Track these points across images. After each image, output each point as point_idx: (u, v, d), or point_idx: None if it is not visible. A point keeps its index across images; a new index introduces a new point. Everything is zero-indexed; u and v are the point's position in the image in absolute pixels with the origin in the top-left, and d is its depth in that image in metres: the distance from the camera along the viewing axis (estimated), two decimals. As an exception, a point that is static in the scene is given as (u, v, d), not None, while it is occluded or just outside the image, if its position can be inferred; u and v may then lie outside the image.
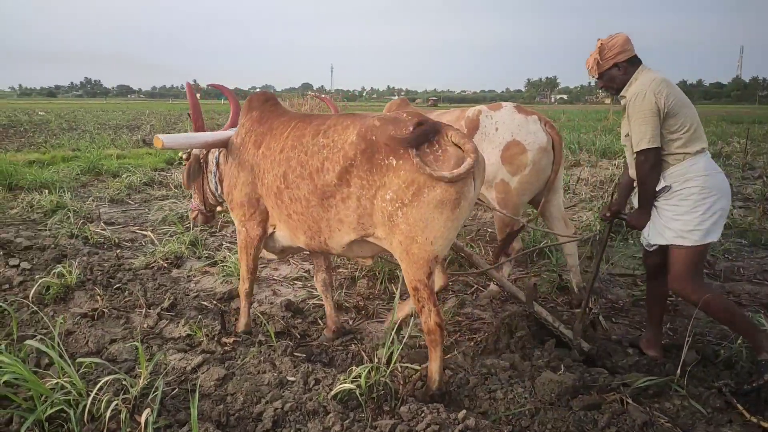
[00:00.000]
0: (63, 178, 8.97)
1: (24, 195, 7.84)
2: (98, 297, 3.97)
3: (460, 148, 2.55)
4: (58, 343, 2.72)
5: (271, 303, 4.02)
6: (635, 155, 2.91)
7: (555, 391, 2.74)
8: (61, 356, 2.63)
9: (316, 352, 3.35)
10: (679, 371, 2.87)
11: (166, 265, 4.90)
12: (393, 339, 2.94)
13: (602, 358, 3.23)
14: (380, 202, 2.64)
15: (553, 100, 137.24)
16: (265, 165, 3.11)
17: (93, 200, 7.44)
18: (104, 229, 5.95)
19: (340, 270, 4.81)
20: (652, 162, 2.86)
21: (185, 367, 3.08)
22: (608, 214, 3.23)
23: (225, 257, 4.86)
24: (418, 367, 2.93)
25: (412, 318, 3.34)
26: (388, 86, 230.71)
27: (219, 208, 3.90)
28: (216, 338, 3.40)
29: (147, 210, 7.36)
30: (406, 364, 2.89)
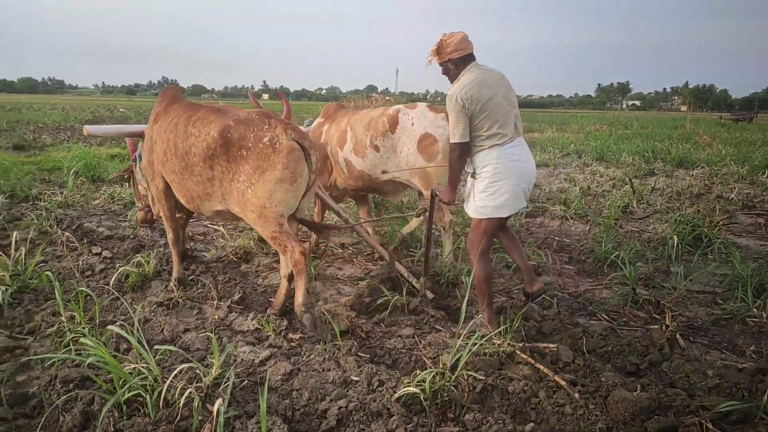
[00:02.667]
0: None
1: (106, 187, 8.30)
2: (173, 287, 4.13)
3: (298, 142, 3.41)
4: (138, 330, 2.85)
5: (336, 302, 4.05)
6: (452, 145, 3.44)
7: (629, 410, 2.62)
8: (139, 342, 2.75)
9: (379, 353, 3.35)
10: (766, 397, 2.68)
11: (235, 259, 5.05)
12: (459, 346, 2.90)
13: (680, 379, 3.07)
14: (236, 184, 3.48)
15: (624, 106, 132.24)
16: (157, 138, 3.97)
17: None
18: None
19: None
20: (459, 153, 3.41)
21: (253, 360, 3.16)
22: (434, 192, 3.87)
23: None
24: (483, 377, 2.87)
25: (478, 327, 3.29)
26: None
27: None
28: (283, 334, 3.46)
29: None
30: (471, 372, 2.84)
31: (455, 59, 3.43)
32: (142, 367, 2.73)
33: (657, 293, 4.33)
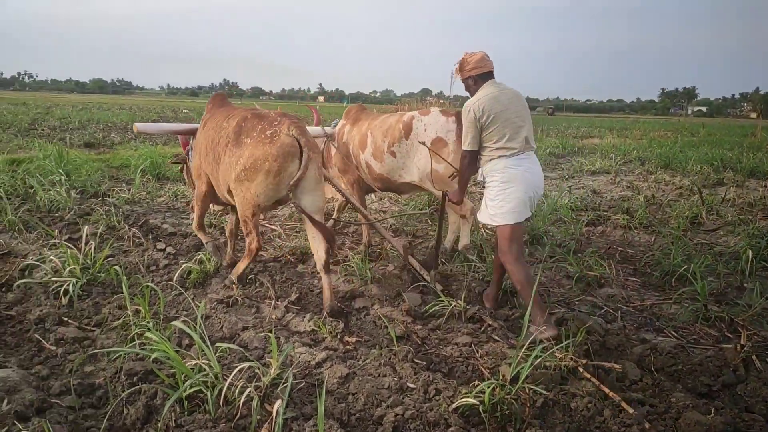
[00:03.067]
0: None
1: (170, 185, 8.59)
2: (233, 285, 4.20)
3: (297, 139, 3.68)
4: (201, 326, 2.90)
5: (394, 307, 4.02)
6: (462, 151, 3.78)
7: (703, 435, 2.47)
8: (202, 339, 2.80)
9: (435, 360, 3.29)
10: None
11: (292, 260, 5.10)
12: (520, 357, 2.81)
13: (757, 403, 2.88)
14: (235, 165, 3.80)
15: (689, 111, 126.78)
16: (203, 139, 4.37)
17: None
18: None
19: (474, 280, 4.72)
20: (468, 160, 3.75)
21: (310, 362, 3.17)
22: (445, 194, 4.16)
23: (347, 256, 4.96)
24: (544, 392, 2.77)
25: (538, 339, 3.19)
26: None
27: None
28: (339, 336, 3.46)
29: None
30: (533, 386, 2.75)
31: (474, 76, 3.74)
32: (204, 363, 2.78)
33: (730, 310, 4.09)
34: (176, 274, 4.36)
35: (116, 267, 4.17)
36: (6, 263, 4.67)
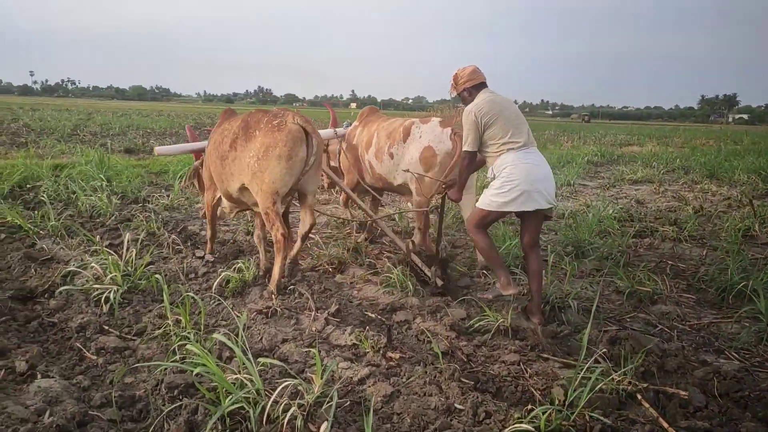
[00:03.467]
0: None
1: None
2: (272, 296, 4.13)
3: (302, 127, 4.06)
4: (242, 339, 2.82)
5: (436, 321, 3.89)
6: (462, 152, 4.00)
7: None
8: (243, 352, 2.72)
9: (482, 379, 3.14)
10: None
11: (330, 269, 5.01)
12: (578, 380, 2.65)
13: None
14: (248, 159, 4.09)
15: (730, 119, 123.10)
16: (211, 146, 4.70)
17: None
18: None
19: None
20: (468, 160, 3.97)
21: (352, 378, 3.06)
22: (444, 188, 4.46)
23: (387, 266, 4.85)
24: (604, 418, 2.60)
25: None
26: (542, 100, 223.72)
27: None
28: (381, 351, 3.35)
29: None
30: (593, 413, 2.58)
31: (469, 87, 4.03)
32: (245, 378, 2.70)
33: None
34: (215, 283, 4.32)
35: (157, 276, 4.14)
36: (48, 269, 4.70)
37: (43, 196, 6.58)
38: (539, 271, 3.89)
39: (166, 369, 3.06)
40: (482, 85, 4.03)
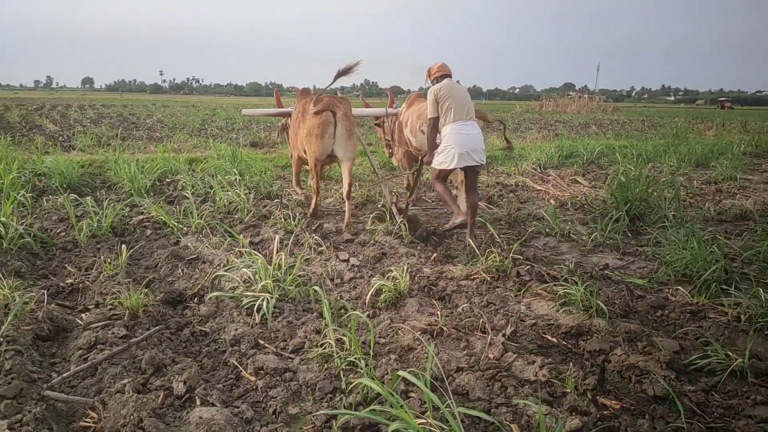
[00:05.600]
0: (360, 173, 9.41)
1: (335, 185, 8.38)
2: (437, 312, 3.62)
3: (332, 112, 5.68)
4: (428, 381, 2.32)
5: (641, 353, 3.16)
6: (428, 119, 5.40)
7: None
8: (431, 387, 2.20)
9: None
10: None
11: (488, 278, 4.41)
12: None
13: None
14: (304, 135, 5.84)
15: None
16: (293, 118, 6.43)
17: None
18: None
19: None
20: (432, 125, 5.33)
21: (553, 426, 2.45)
22: (422, 156, 5.70)
23: (562, 276, 4.16)
24: None
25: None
26: (663, 85, 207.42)
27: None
28: (590, 395, 2.70)
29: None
30: None
31: (437, 77, 5.44)
32: (436, 426, 2.18)
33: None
34: (368, 294, 3.88)
35: (316, 288, 3.77)
36: (195, 269, 4.53)
37: (186, 193, 6.56)
38: (475, 204, 5.42)
39: (335, 397, 2.64)
40: (446, 76, 5.43)
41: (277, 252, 4.19)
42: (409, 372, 2.46)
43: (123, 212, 6.05)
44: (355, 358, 2.85)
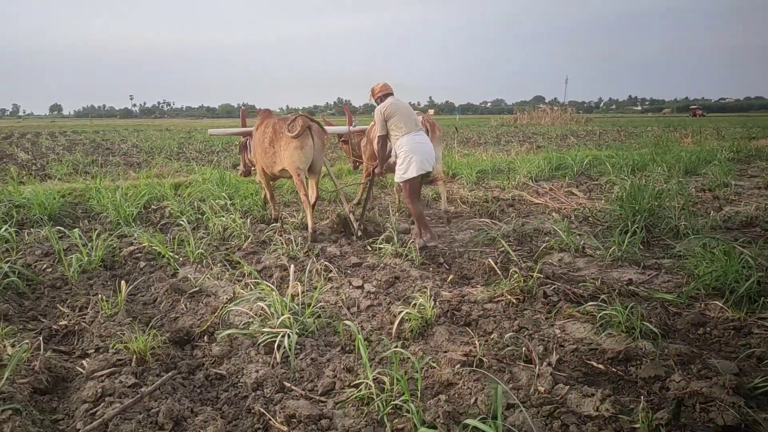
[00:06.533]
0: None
1: (331, 206, 8.08)
2: (473, 341, 3.36)
3: (308, 127, 6.06)
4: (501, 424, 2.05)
5: (702, 379, 2.94)
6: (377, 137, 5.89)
7: None
8: None
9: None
10: None
11: (514, 300, 4.17)
12: None
13: None
14: (281, 150, 6.18)
15: None
16: (256, 139, 6.73)
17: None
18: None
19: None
20: (380, 143, 5.88)
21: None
22: (374, 168, 6.21)
23: (597, 294, 3.94)
24: None
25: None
26: (630, 96, 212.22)
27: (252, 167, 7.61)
28: (663, 431, 2.46)
29: (472, 231, 6.92)
30: None
31: (381, 96, 5.86)
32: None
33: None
34: (395, 325, 3.60)
35: (347, 322, 3.49)
36: (199, 303, 4.20)
37: (181, 220, 6.22)
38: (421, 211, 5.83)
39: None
40: (389, 95, 5.85)
41: (293, 282, 3.89)
42: (472, 420, 2.19)
43: (112, 244, 5.68)
44: (402, 401, 2.57)
